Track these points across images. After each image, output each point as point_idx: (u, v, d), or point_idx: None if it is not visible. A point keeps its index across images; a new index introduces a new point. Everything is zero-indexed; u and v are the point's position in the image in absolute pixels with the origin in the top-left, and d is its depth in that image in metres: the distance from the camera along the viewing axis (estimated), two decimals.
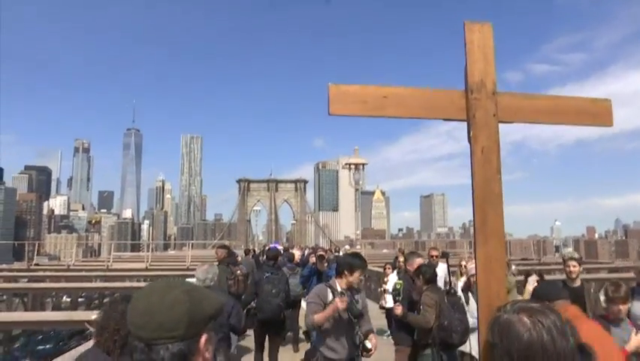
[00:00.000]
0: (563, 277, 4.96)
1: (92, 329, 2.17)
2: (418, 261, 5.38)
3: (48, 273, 22.66)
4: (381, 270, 12.48)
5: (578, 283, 4.70)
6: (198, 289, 1.13)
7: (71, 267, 24.57)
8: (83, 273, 22.02)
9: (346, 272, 3.77)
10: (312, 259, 8.80)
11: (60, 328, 13.60)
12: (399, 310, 4.70)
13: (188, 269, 19.84)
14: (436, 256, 7.27)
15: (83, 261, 31.00)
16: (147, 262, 24.46)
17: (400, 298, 4.85)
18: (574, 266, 4.69)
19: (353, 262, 3.83)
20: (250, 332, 6.39)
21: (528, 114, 1.98)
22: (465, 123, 1.89)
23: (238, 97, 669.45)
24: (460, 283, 6.66)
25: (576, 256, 4.86)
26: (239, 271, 6.34)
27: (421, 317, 4.44)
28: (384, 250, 49.95)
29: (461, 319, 4.45)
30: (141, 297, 1.09)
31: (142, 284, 17.34)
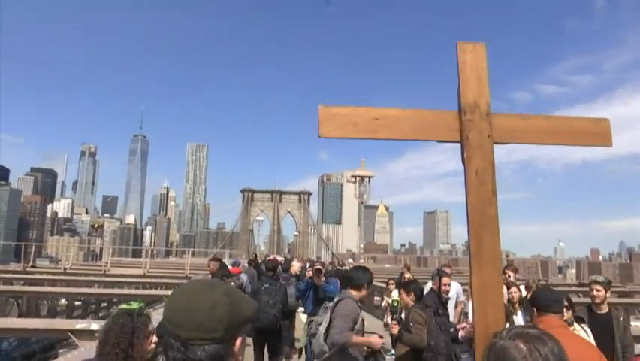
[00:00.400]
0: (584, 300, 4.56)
1: (74, 339, 2.15)
2: (445, 280, 5.42)
3: (44, 276, 22.55)
4: (384, 285, 12.41)
5: (604, 309, 4.12)
6: (236, 292, 1.14)
7: (68, 270, 24.22)
8: (79, 277, 21.85)
9: (366, 285, 3.91)
10: (309, 273, 8.66)
11: (44, 336, 13.29)
12: (395, 329, 4.61)
13: (186, 277, 19.69)
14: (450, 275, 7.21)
15: (80, 265, 30.93)
16: (145, 268, 24.28)
17: (397, 316, 4.79)
18: (598, 290, 4.09)
19: (370, 276, 3.98)
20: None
21: (524, 135, 1.93)
22: (459, 145, 1.84)
23: (245, 107, 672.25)
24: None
25: (601, 279, 4.21)
26: (232, 283, 6.29)
27: (416, 336, 4.34)
28: (387, 265, 49.59)
29: (447, 341, 4.38)
30: (181, 296, 1.08)
31: (138, 291, 17.23)
